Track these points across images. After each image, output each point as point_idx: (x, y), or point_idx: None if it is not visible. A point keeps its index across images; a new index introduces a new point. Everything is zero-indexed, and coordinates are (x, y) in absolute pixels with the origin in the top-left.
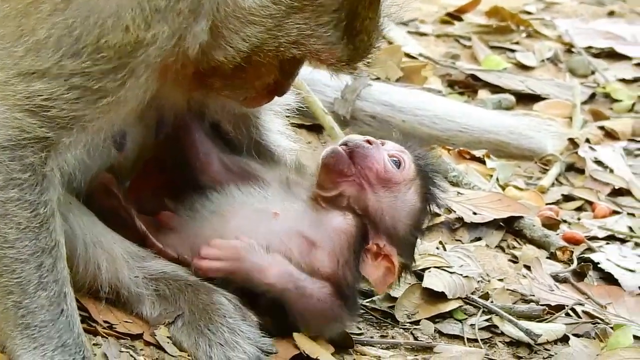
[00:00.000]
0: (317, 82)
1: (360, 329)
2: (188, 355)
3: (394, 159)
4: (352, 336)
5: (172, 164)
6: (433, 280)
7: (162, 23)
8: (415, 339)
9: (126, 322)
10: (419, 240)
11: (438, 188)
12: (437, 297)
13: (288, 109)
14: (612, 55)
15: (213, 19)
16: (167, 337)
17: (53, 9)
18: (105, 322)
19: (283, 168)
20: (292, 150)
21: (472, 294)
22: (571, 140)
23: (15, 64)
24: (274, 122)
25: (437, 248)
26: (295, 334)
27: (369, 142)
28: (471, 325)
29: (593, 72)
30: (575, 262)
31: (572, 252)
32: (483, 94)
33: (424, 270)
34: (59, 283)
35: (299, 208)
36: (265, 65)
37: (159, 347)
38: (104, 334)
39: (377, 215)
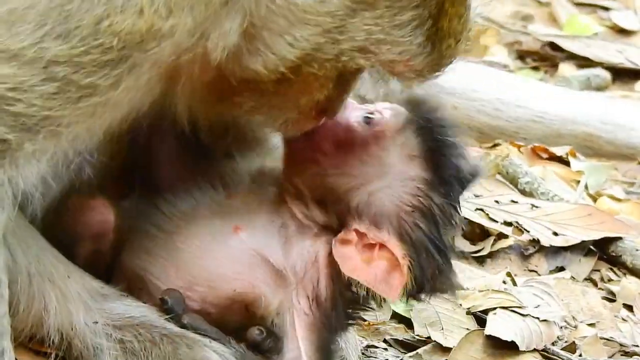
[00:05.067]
0: None
1: None
2: None
3: (367, 115)
4: None
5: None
6: (499, 326)
7: (187, 13)
8: None
9: None
10: (436, 231)
11: (445, 145)
12: (504, 348)
13: None
14: None
15: (250, 16)
16: None
17: None
18: None
19: (263, 155)
20: None
21: (552, 344)
22: None
23: None
24: None
25: (504, 282)
26: None
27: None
28: None
29: None
30: None
31: None
32: (565, 68)
33: (486, 311)
34: None
35: (267, 220)
36: (318, 79)
37: None
38: None
39: (346, 194)
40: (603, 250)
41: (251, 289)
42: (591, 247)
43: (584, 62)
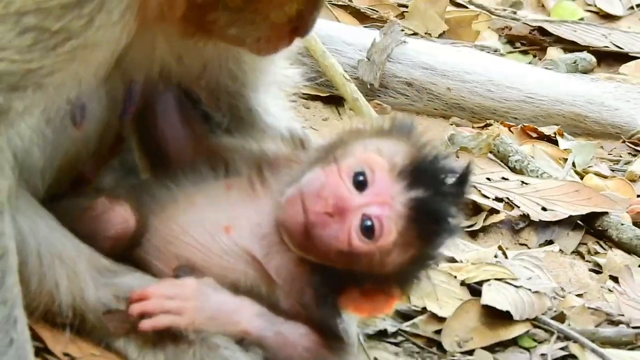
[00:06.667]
0: (335, 40)
1: None
2: None
3: (367, 222)
4: None
5: (136, 148)
6: (495, 296)
7: None
8: None
9: (93, 355)
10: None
11: (447, 220)
12: (497, 318)
13: (292, 86)
14: None
15: None
16: None
17: None
18: (67, 355)
19: (261, 152)
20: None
21: (542, 314)
22: None
23: None
24: (275, 102)
25: (496, 255)
26: None
27: (330, 213)
28: (542, 355)
29: None
30: None
31: None
32: (553, 52)
33: (479, 283)
34: (7, 305)
35: (256, 221)
36: None
37: None
38: None
39: (350, 274)
40: (590, 225)
41: (243, 281)
42: (578, 221)
43: (570, 46)
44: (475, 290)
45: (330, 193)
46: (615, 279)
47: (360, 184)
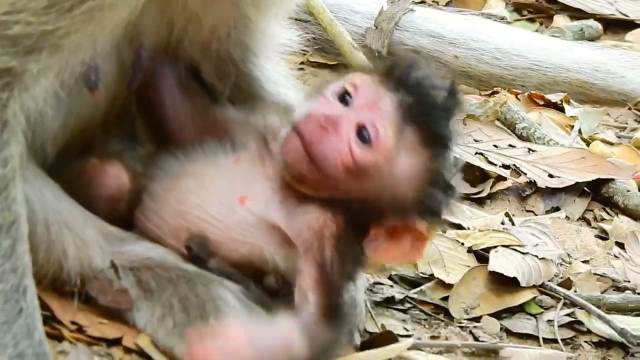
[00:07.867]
0: (342, 9)
1: (407, 329)
2: None
3: (364, 131)
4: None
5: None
6: (502, 263)
7: None
8: (476, 339)
9: (101, 323)
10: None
11: (436, 115)
12: (504, 285)
13: (294, 52)
14: None
15: None
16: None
17: None
18: (74, 323)
19: (266, 123)
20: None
21: (549, 281)
22: None
23: None
24: (276, 68)
25: (503, 222)
26: None
27: (323, 127)
28: (549, 321)
29: None
30: None
31: None
32: (560, 20)
33: (486, 250)
34: (17, 273)
35: (270, 190)
36: None
37: (143, 354)
38: (72, 339)
39: (368, 204)
40: (596, 191)
41: (260, 253)
42: (585, 188)
43: (577, 13)
44: (482, 257)
45: (320, 113)
46: (621, 245)
47: (346, 98)
